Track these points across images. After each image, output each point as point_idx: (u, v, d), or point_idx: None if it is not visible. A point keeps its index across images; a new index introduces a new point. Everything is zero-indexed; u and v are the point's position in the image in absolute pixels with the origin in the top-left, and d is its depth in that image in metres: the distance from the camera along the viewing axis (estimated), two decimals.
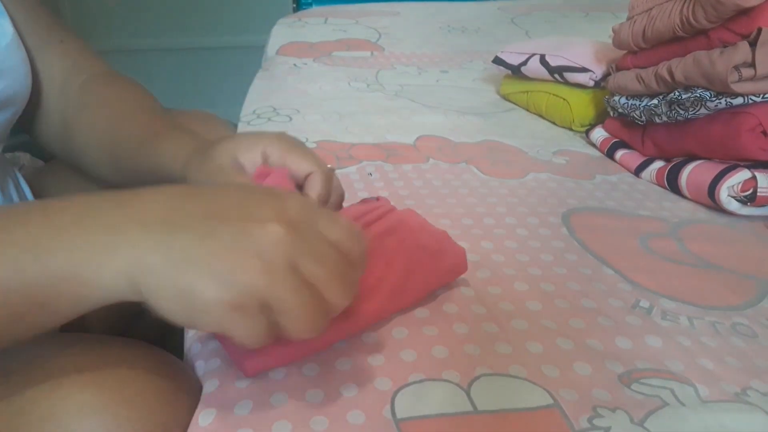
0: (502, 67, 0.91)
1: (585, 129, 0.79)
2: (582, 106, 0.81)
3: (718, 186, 0.58)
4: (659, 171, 0.66)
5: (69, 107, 0.56)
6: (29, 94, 0.53)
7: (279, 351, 0.37)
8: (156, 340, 0.43)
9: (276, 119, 0.80)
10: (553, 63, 0.83)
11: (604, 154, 0.74)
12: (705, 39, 0.58)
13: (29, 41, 0.54)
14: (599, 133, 0.76)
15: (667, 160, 0.66)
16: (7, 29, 0.50)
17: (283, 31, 1.27)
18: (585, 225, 0.57)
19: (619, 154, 0.72)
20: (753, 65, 0.53)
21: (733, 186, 0.57)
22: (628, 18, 0.68)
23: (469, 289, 0.46)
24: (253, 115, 0.82)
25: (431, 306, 0.44)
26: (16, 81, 0.50)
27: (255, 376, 0.37)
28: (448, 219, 0.57)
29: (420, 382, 0.37)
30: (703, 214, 0.60)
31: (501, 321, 0.42)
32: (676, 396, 0.36)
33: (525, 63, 0.87)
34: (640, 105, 0.66)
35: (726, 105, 0.57)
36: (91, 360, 0.35)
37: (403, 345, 0.40)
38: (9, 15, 0.52)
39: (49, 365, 0.35)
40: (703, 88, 0.58)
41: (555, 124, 0.85)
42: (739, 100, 0.56)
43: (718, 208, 0.59)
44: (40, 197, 0.63)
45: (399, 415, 0.34)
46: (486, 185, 0.64)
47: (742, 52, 0.53)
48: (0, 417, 0.33)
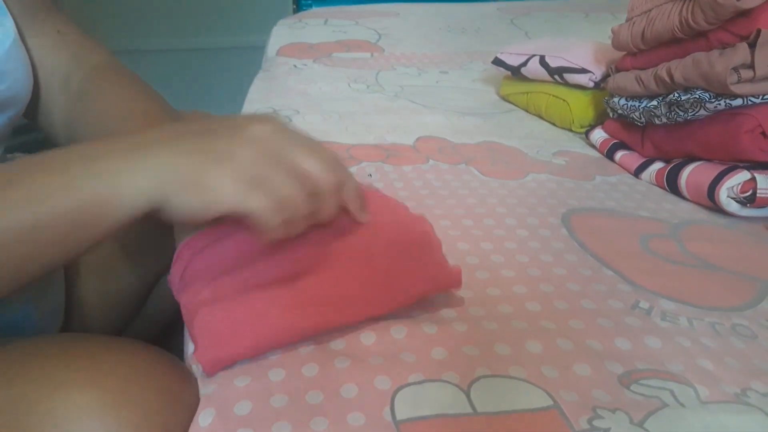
0: (501, 68, 0.92)
1: (585, 130, 0.79)
2: (582, 107, 0.81)
3: (717, 187, 0.58)
4: (659, 172, 0.66)
5: (70, 104, 0.55)
6: (30, 95, 0.53)
7: (241, 343, 0.37)
8: (156, 340, 0.43)
9: None
10: (553, 64, 0.83)
11: (603, 155, 0.75)
12: (704, 40, 0.58)
13: (27, 34, 0.53)
14: (599, 134, 0.76)
15: (667, 161, 0.66)
16: (10, 30, 0.50)
17: (283, 32, 1.27)
18: (585, 226, 0.57)
19: (619, 155, 0.72)
20: (752, 67, 0.53)
21: (733, 187, 0.57)
22: (627, 19, 0.68)
23: (469, 290, 0.46)
24: None
25: (430, 307, 0.44)
26: (17, 82, 0.50)
27: (217, 371, 0.37)
28: (448, 220, 0.57)
29: (419, 383, 0.37)
30: (703, 215, 0.61)
31: (500, 322, 0.42)
32: (675, 397, 0.37)
33: (525, 64, 0.87)
34: (639, 106, 0.66)
35: (725, 106, 0.57)
36: (92, 360, 0.36)
37: (403, 346, 0.40)
38: (11, 15, 0.51)
39: (49, 366, 0.35)
40: (703, 89, 0.58)
41: (555, 125, 0.85)
42: (739, 101, 0.56)
43: (717, 209, 0.59)
44: None
45: (399, 416, 0.34)
46: (486, 186, 0.64)
47: (741, 53, 0.54)
48: (0, 417, 0.33)
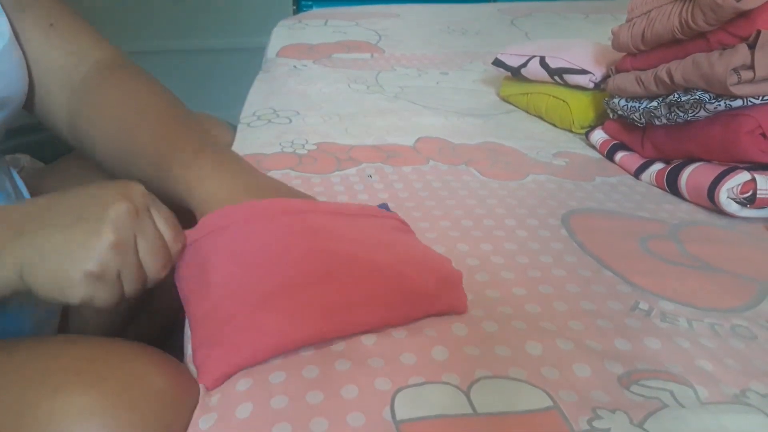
0: (502, 69, 0.92)
1: (585, 131, 0.80)
2: (582, 108, 0.81)
3: (717, 188, 0.58)
4: (659, 173, 0.66)
5: (74, 100, 0.54)
6: (24, 96, 0.52)
7: (241, 353, 0.37)
8: (156, 341, 0.43)
9: (276, 121, 0.81)
10: (553, 65, 0.83)
11: (603, 155, 0.75)
12: (704, 41, 0.58)
13: (18, 27, 0.52)
14: (599, 135, 0.76)
15: (667, 162, 0.66)
16: (5, 31, 0.49)
17: (283, 33, 1.27)
18: (585, 227, 0.57)
19: (619, 155, 0.72)
20: (752, 67, 0.53)
21: (733, 188, 0.57)
22: (627, 20, 0.68)
23: (469, 292, 0.46)
24: (253, 117, 0.82)
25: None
26: (11, 83, 0.49)
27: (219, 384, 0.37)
28: (447, 221, 0.57)
29: (420, 384, 0.37)
30: (703, 215, 0.61)
31: (500, 323, 0.43)
32: (675, 397, 0.37)
33: (525, 65, 0.87)
34: (639, 107, 0.66)
35: (725, 107, 0.57)
36: (92, 362, 0.36)
37: (403, 347, 0.40)
38: (6, 14, 0.50)
39: (50, 367, 0.35)
40: (703, 90, 0.58)
41: (555, 125, 0.85)
42: (738, 102, 0.56)
43: (717, 210, 0.59)
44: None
45: (399, 417, 0.34)
46: (486, 187, 0.64)
47: (741, 54, 0.54)
48: (0, 420, 0.33)
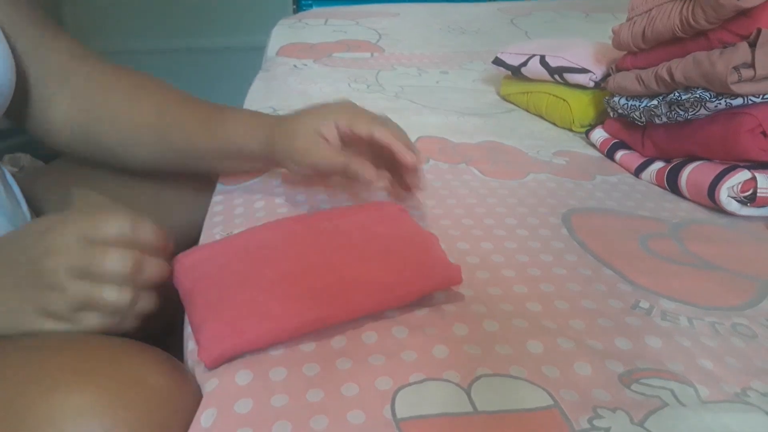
0: (502, 68, 0.91)
1: (585, 130, 0.79)
2: (582, 106, 0.81)
3: (718, 186, 0.58)
4: (659, 171, 0.66)
5: (79, 99, 0.56)
6: (12, 90, 0.52)
7: (243, 336, 0.38)
8: (155, 340, 0.43)
9: None
10: (553, 64, 0.83)
11: (604, 154, 0.74)
12: (705, 40, 0.58)
13: (4, 21, 0.53)
14: (599, 134, 0.76)
15: (667, 160, 0.66)
16: None
17: (284, 32, 1.27)
18: (585, 225, 0.57)
19: (619, 154, 0.72)
20: (752, 66, 0.53)
21: (733, 186, 0.57)
22: (627, 19, 0.68)
23: (469, 290, 0.46)
24: None
25: (431, 306, 0.44)
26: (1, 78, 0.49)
27: (218, 365, 0.38)
28: (448, 220, 0.57)
29: (420, 382, 0.37)
30: (703, 214, 0.60)
31: (501, 321, 0.42)
32: (676, 396, 0.36)
33: (525, 64, 0.87)
34: (639, 106, 0.66)
35: (726, 106, 0.57)
36: (90, 361, 0.35)
37: (404, 345, 0.40)
38: None
39: (48, 366, 0.35)
40: (703, 88, 0.58)
41: (555, 124, 0.85)
42: (739, 100, 0.56)
43: (718, 208, 0.59)
44: (38, 199, 0.62)
45: (399, 415, 0.34)
46: (486, 186, 0.64)
47: (741, 52, 0.54)
48: None
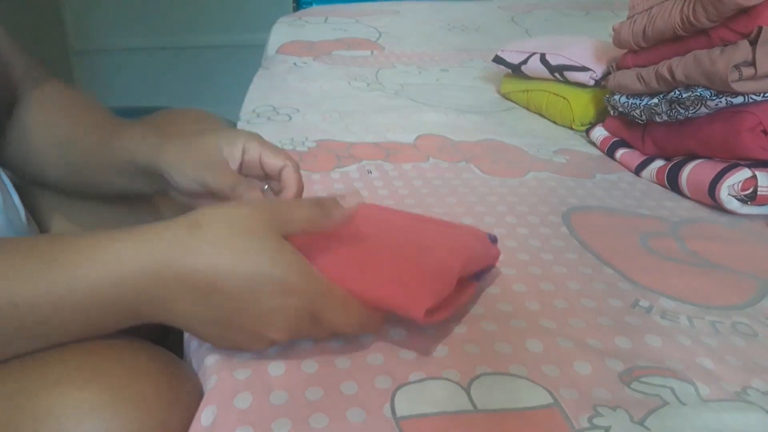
0: (502, 66, 0.91)
1: (585, 128, 0.79)
2: (582, 105, 0.81)
3: (718, 185, 0.58)
4: (659, 170, 0.65)
5: (24, 110, 0.55)
6: None
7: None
8: (156, 338, 0.43)
9: (276, 118, 0.80)
10: (554, 62, 0.83)
11: (604, 153, 0.74)
12: (705, 38, 0.58)
13: None
14: (599, 132, 0.76)
15: (668, 159, 0.66)
16: None
17: (283, 30, 1.27)
18: (585, 224, 0.57)
19: (620, 153, 0.72)
20: (753, 64, 0.53)
21: (734, 185, 0.57)
22: (628, 17, 0.68)
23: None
24: (253, 114, 0.82)
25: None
26: None
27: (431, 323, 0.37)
28: (448, 218, 0.56)
29: (420, 380, 0.37)
30: (704, 213, 0.60)
31: (501, 320, 0.42)
32: (676, 395, 0.36)
33: (525, 62, 0.87)
34: (640, 104, 0.66)
35: (726, 104, 0.57)
36: (91, 358, 0.35)
37: (403, 344, 0.40)
38: None
39: (49, 362, 0.35)
40: (704, 87, 0.58)
41: (555, 123, 0.85)
42: (740, 99, 0.56)
43: (718, 207, 0.59)
44: (35, 200, 0.62)
45: (399, 414, 0.34)
46: (486, 184, 0.64)
47: (742, 50, 0.53)
48: None
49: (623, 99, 0.70)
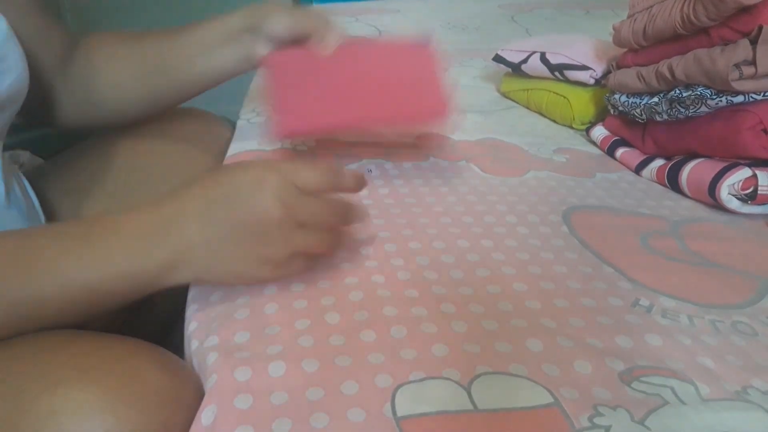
0: (502, 65, 0.91)
1: (585, 127, 0.79)
2: (582, 104, 0.81)
3: (718, 184, 0.58)
4: (660, 169, 0.65)
5: (84, 58, 0.61)
6: (27, 89, 0.53)
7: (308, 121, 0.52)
8: (156, 337, 0.43)
9: None
10: (554, 61, 0.83)
11: (604, 152, 0.74)
12: (706, 37, 0.58)
13: (24, 30, 0.53)
14: (599, 131, 0.76)
15: (668, 158, 0.66)
16: (1, 24, 0.50)
17: None
18: (585, 223, 0.57)
19: (620, 152, 0.72)
20: (754, 63, 0.53)
21: (734, 184, 0.57)
22: (628, 16, 0.68)
23: (469, 288, 0.46)
24: (253, 113, 0.82)
25: (430, 305, 0.44)
26: (20, 76, 0.50)
27: (286, 137, 0.46)
28: (448, 217, 0.57)
29: (420, 380, 0.37)
30: (704, 212, 0.60)
31: (501, 320, 0.42)
32: (676, 394, 0.36)
33: (525, 61, 0.87)
34: (640, 103, 0.66)
35: (727, 103, 0.57)
36: (92, 358, 0.36)
37: (403, 343, 0.40)
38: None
39: (50, 363, 0.35)
40: (704, 86, 0.58)
41: (555, 122, 0.85)
42: (740, 98, 0.55)
43: (718, 206, 0.59)
44: (39, 195, 0.62)
45: (399, 413, 0.34)
46: (486, 183, 0.64)
47: (743, 49, 0.53)
48: (0, 414, 0.33)
49: (623, 98, 0.70)
